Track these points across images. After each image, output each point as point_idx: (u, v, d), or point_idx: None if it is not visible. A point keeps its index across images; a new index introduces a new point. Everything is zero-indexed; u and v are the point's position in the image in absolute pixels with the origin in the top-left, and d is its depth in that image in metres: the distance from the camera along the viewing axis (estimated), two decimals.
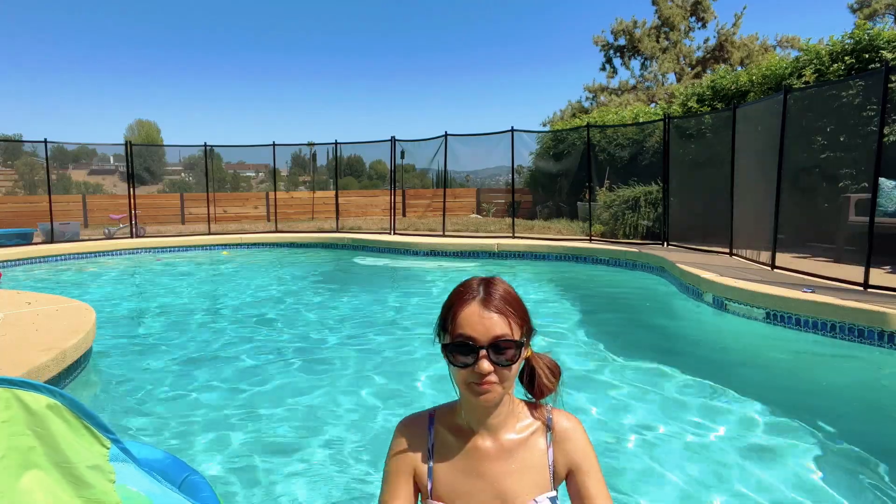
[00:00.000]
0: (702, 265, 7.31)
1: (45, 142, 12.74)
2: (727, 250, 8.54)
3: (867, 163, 7.61)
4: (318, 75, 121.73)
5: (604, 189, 12.63)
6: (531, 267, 10.08)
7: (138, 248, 12.78)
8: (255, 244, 13.63)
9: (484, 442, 1.24)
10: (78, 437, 1.88)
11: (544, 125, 27.88)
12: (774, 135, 7.06)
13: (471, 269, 9.96)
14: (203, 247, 13.27)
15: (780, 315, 5.43)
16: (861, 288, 5.63)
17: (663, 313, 6.65)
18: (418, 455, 1.26)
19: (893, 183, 7.56)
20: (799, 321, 5.27)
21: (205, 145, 14.85)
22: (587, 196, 12.28)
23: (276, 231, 14.82)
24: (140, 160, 22.49)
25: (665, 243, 10.08)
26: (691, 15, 25.69)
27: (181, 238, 13.57)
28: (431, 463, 1.25)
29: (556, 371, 1.35)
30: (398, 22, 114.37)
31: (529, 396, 1.35)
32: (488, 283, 1.21)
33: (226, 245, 13.43)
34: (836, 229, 7.64)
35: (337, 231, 14.61)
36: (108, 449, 1.98)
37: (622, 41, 26.59)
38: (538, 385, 1.32)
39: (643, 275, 8.80)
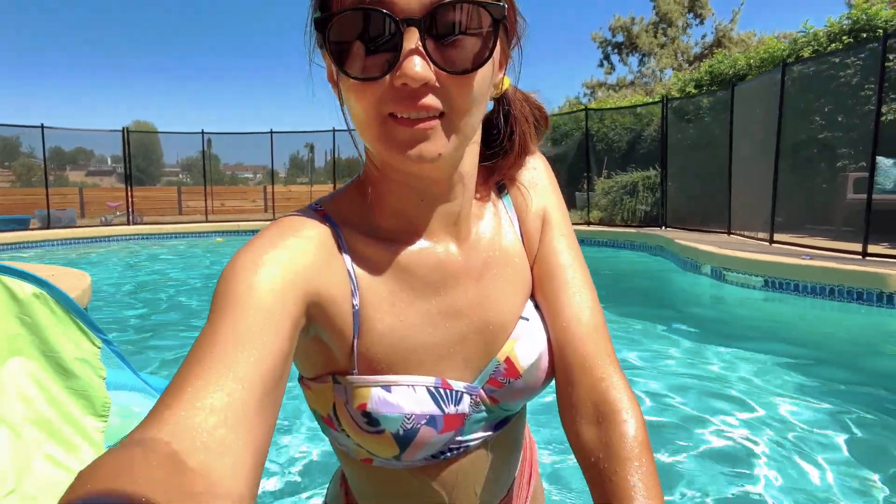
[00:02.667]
0: (700, 241, 7.30)
1: (42, 127, 12.73)
2: (725, 231, 8.54)
3: (865, 142, 7.62)
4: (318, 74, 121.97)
5: (602, 179, 12.62)
6: None
7: (135, 235, 12.74)
8: (252, 231, 13.60)
9: (445, 247, 0.66)
10: (65, 329, 1.85)
11: None
12: (772, 114, 7.06)
13: None
14: (200, 234, 13.23)
15: (778, 282, 5.42)
16: (860, 257, 5.62)
17: (663, 287, 6.64)
18: (330, 288, 0.58)
19: (892, 161, 7.58)
20: (797, 287, 5.25)
21: (202, 132, 14.84)
22: (585, 186, 12.27)
23: (274, 219, 14.80)
24: (138, 161, 22.38)
25: (664, 227, 10.06)
26: (689, 11, 25.76)
27: (178, 225, 13.54)
28: (356, 302, 0.61)
29: (541, 116, 0.74)
30: None
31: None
32: None
33: (222, 232, 13.39)
34: (835, 209, 7.65)
35: None
36: (98, 348, 1.95)
37: (620, 37, 26.65)
38: (519, 140, 0.71)
39: (642, 255, 8.79)
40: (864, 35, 8.28)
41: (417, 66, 0.50)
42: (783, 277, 5.36)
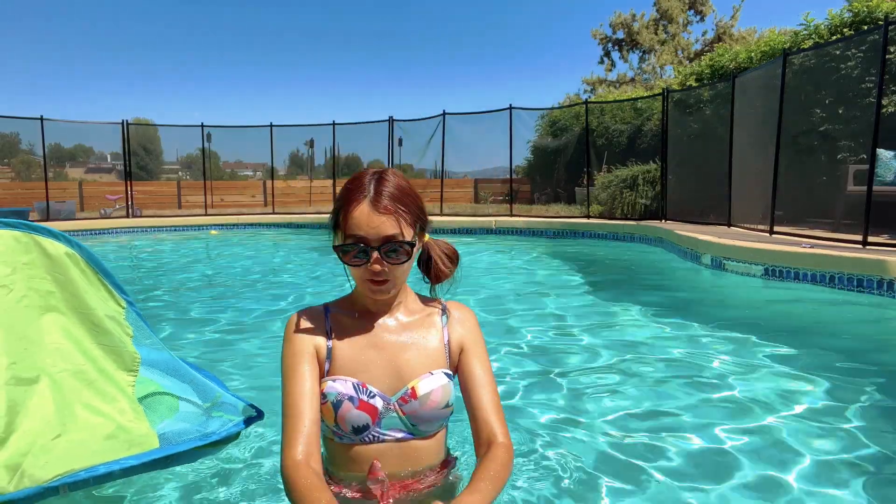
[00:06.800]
0: (700, 232, 7.30)
1: (41, 119, 12.71)
2: (725, 223, 8.54)
3: (865, 134, 7.60)
4: (318, 76, 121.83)
5: (602, 174, 12.61)
6: (529, 243, 10.07)
7: (134, 227, 12.73)
8: (250, 224, 13.58)
9: (383, 319, 1.31)
10: (94, 289, 1.87)
11: (542, 118, 27.87)
12: (773, 107, 7.06)
13: (468, 246, 9.94)
14: (199, 227, 13.22)
15: (778, 270, 5.42)
16: (860, 245, 5.62)
17: (663, 278, 6.64)
18: (317, 338, 1.27)
19: (892, 153, 7.57)
20: (797, 275, 5.25)
21: (201, 125, 14.82)
22: (585, 182, 12.27)
23: (273, 213, 14.77)
24: (138, 157, 22.31)
25: (663, 220, 10.06)
26: (690, 8, 25.77)
27: (177, 218, 13.52)
28: (330, 343, 1.28)
29: (453, 256, 1.40)
30: (395, 26, 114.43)
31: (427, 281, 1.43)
32: (379, 179, 1.21)
33: (222, 225, 13.37)
34: (835, 201, 7.64)
35: None
36: (123, 308, 1.96)
37: (620, 34, 26.64)
38: (434, 271, 1.38)
39: (642, 246, 8.79)
40: (865, 27, 8.27)
41: (377, 265, 1.20)
42: (783, 265, 5.37)
